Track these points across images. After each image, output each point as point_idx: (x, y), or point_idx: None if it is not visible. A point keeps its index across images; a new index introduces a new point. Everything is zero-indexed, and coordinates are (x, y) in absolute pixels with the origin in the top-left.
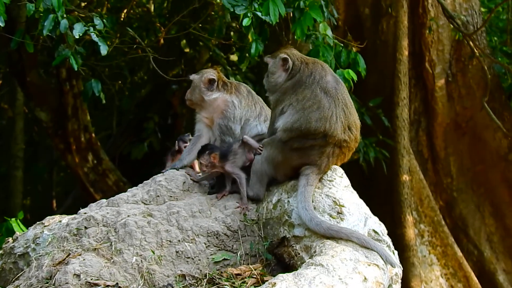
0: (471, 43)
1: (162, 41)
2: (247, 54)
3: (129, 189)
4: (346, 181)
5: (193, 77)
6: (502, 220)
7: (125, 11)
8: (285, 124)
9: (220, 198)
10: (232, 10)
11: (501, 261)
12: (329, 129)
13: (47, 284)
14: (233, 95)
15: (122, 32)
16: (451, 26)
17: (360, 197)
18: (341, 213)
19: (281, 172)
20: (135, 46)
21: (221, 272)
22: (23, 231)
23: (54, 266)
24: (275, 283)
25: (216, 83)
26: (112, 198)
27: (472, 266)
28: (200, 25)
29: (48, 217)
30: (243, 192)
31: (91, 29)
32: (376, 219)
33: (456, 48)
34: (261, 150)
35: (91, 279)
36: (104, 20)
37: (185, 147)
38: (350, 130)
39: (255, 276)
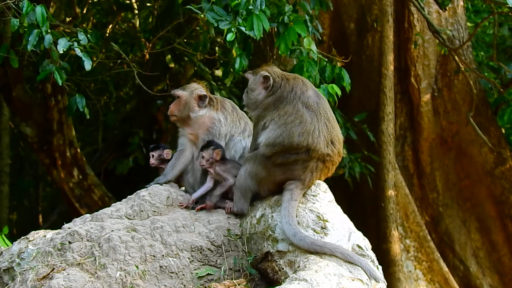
0: (456, 57)
1: (147, 56)
2: (231, 69)
3: (113, 204)
4: (330, 196)
5: (181, 93)
6: (488, 235)
7: (110, 26)
8: (268, 139)
9: (198, 210)
10: (216, 25)
11: (487, 276)
12: (312, 144)
13: None
14: (219, 112)
15: (107, 47)
16: (437, 40)
17: (346, 212)
18: (325, 228)
19: (265, 188)
20: (119, 61)
21: (205, 287)
22: (8, 246)
23: (39, 281)
24: None
25: (207, 99)
26: (96, 213)
27: (458, 281)
28: (185, 40)
29: (33, 232)
30: (218, 193)
31: (76, 44)
32: (360, 234)
33: (442, 63)
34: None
35: None
36: (88, 35)
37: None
38: (333, 144)
39: None
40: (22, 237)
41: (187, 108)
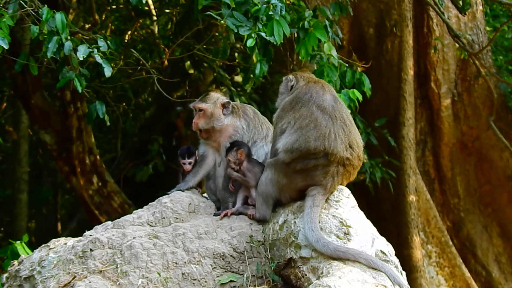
0: (476, 62)
1: (166, 62)
2: (251, 75)
3: (134, 211)
4: (353, 201)
5: (204, 105)
6: (510, 241)
7: (129, 33)
8: (285, 145)
9: (222, 217)
10: (236, 31)
11: (510, 282)
12: (329, 147)
13: None
14: (242, 119)
15: (126, 54)
16: (457, 45)
17: (367, 217)
18: (348, 234)
19: (286, 195)
20: (139, 67)
21: None
22: (28, 254)
23: None
24: None
25: (230, 105)
26: (117, 220)
27: (480, 287)
28: (204, 46)
29: (54, 239)
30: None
31: (95, 51)
32: (383, 239)
33: (462, 68)
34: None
35: None
36: (108, 42)
37: (189, 163)
38: (351, 148)
39: None
40: (43, 245)
41: (213, 119)
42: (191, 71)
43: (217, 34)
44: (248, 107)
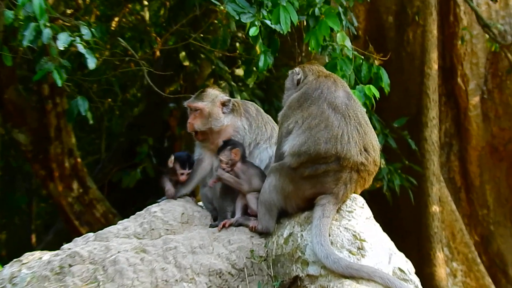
0: (509, 55)
1: (158, 53)
2: (254, 68)
3: (119, 222)
4: (367, 212)
5: (201, 104)
6: None
7: (116, 19)
8: (292, 147)
9: (221, 229)
10: (237, 18)
11: None
12: (341, 151)
13: None
14: (243, 118)
15: (113, 43)
16: (487, 36)
17: (384, 230)
18: (362, 249)
19: (293, 204)
20: (127, 59)
21: None
22: None
23: None
24: None
25: (230, 103)
26: (100, 231)
27: None
28: (202, 35)
29: (27, 253)
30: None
31: (78, 39)
32: (402, 255)
33: (492, 61)
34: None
35: None
36: (92, 29)
37: (187, 173)
38: (366, 151)
39: None
40: (15, 260)
41: (211, 119)
42: (186, 63)
43: (216, 21)
44: (250, 104)
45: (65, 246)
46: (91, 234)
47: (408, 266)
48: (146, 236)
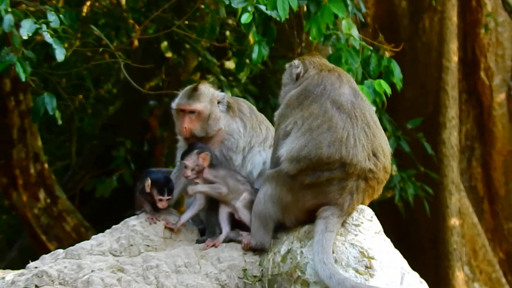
0: None
1: (136, 43)
2: (247, 60)
3: (93, 237)
4: (377, 225)
5: (200, 106)
6: None
7: (88, 3)
8: (290, 151)
9: (209, 247)
10: (227, 3)
11: None
12: (347, 156)
13: None
14: (237, 118)
15: (84, 32)
16: None
17: (395, 246)
18: (370, 268)
19: (291, 216)
20: (101, 49)
21: None
22: None
23: None
24: None
25: (225, 100)
26: (71, 247)
27: None
28: (186, 22)
29: None
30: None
31: (44, 27)
32: (416, 275)
33: None
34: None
35: None
36: (60, 15)
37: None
38: (376, 156)
39: None
40: None
41: (211, 121)
42: (169, 55)
43: (202, 6)
44: (241, 101)
45: (31, 264)
46: (60, 250)
47: (423, 287)
48: (123, 253)
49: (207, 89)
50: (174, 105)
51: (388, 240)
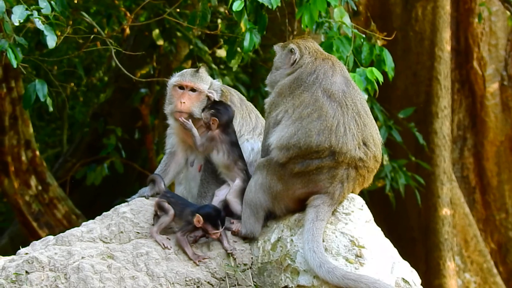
0: None
1: (127, 30)
2: (238, 49)
3: (83, 223)
4: (367, 214)
5: (201, 86)
6: None
7: None
8: (280, 139)
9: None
10: None
11: None
12: (336, 144)
13: None
14: None
15: (76, 19)
16: (508, 13)
17: (386, 235)
18: (360, 257)
19: (281, 205)
20: (92, 37)
21: None
22: None
23: None
24: None
25: (219, 88)
26: (61, 234)
27: None
28: (178, 10)
29: None
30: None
31: (35, 13)
32: (406, 264)
33: None
34: None
35: None
36: (52, 2)
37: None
38: (366, 145)
39: None
40: None
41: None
42: (160, 43)
43: None
44: (232, 91)
45: (22, 250)
46: (51, 237)
47: (413, 276)
48: (113, 240)
49: (207, 74)
50: (173, 81)
51: (379, 229)
